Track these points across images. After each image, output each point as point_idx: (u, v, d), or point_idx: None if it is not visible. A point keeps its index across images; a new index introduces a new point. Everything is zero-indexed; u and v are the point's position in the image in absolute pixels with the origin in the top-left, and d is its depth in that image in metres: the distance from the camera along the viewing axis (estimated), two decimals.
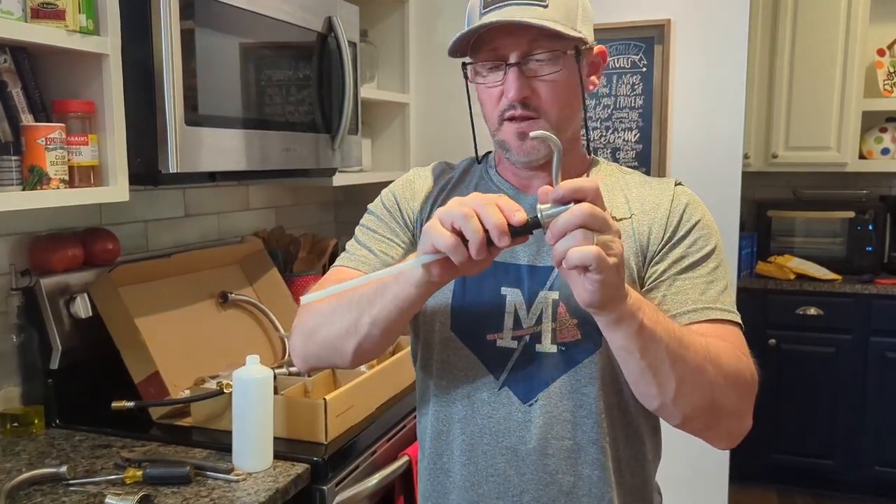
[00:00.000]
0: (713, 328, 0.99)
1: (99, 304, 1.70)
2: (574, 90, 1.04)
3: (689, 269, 1.03)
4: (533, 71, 1.00)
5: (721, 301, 1.02)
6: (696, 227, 1.05)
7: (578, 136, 1.12)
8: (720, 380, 0.92)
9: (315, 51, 1.87)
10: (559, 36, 0.98)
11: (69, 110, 1.37)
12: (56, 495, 1.31)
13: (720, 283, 1.03)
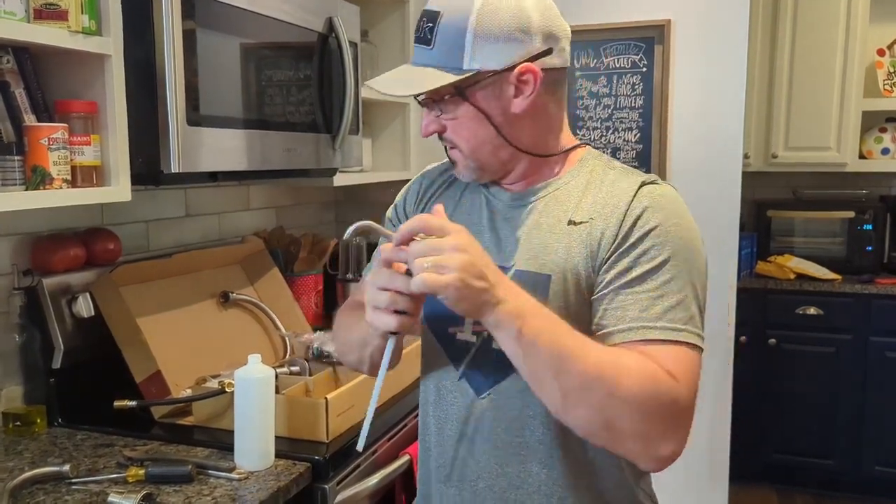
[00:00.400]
0: (650, 349, 0.94)
1: (101, 304, 1.70)
2: (469, 122, 1.04)
3: (634, 282, 0.97)
4: (433, 111, 1.06)
5: (668, 318, 0.95)
6: (649, 234, 0.98)
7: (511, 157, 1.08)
8: (615, 401, 0.89)
9: (316, 51, 1.87)
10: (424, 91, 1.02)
11: (71, 110, 1.38)
12: (59, 494, 1.31)
13: (671, 297, 0.96)
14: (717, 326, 2.48)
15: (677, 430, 0.93)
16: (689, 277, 0.98)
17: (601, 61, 2.49)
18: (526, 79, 1.02)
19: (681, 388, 0.92)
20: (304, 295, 2.32)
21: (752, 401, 3.45)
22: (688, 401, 0.93)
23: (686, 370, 0.94)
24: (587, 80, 2.52)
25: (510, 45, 1.01)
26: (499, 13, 1.00)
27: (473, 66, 1.00)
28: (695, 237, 1.02)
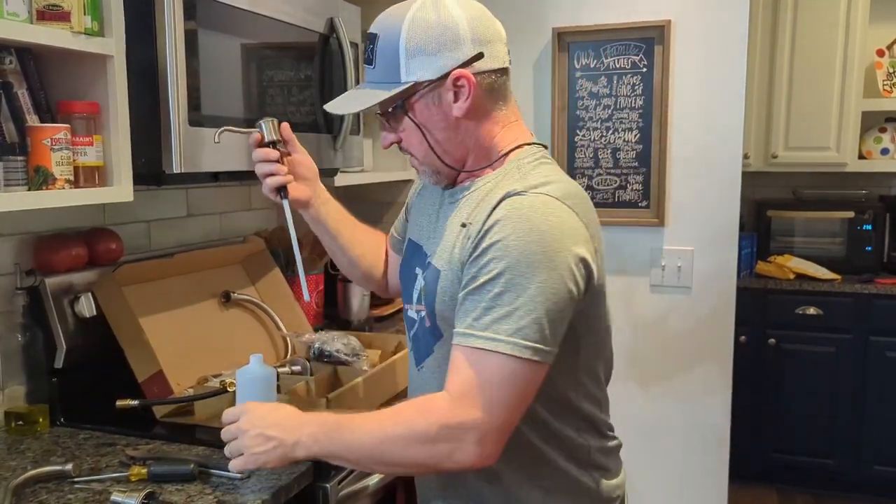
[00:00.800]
0: (462, 357, 1.04)
1: (103, 304, 1.71)
2: (415, 131, 1.15)
3: (474, 290, 1.04)
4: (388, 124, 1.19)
5: (493, 328, 1.01)
6: (492, 247, 1.03)
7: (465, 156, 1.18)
8: (403, 455, 1.06)
9: (317, 51, 1.88)
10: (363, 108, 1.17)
11: (74, 111, 1.38)
12: (61, 493, 1.32)
13: (501, 309, 1.01)
14: (717, 326, 2.49)
15: (460, 442, 1.03)
16: (524, 291, 1.01)
17: (601, 62, 2.50)
18: (461, 84, 1.10)
19: (450, 409, 1.02)
20: None
21: (751, 400, 3.46)
22: (460, 417, 1.02)
23: (478, 384, 1.02)
24: (587, 80, 2.53)
25: (441, 55, 1.09)
26: (426, 27, 1.09)
27: (410, 79, 1.11)
28: (540, 250, 1.02)
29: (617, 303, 2.61)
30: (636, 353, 2.60)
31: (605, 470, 1.26)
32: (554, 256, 1.02)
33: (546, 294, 1.01)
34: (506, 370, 1.01)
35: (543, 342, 1.02)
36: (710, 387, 2.52)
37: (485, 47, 1.11)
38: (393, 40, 1.10)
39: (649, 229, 2.52)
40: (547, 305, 1.01)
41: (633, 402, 2.62)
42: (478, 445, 1.03)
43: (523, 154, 1.17)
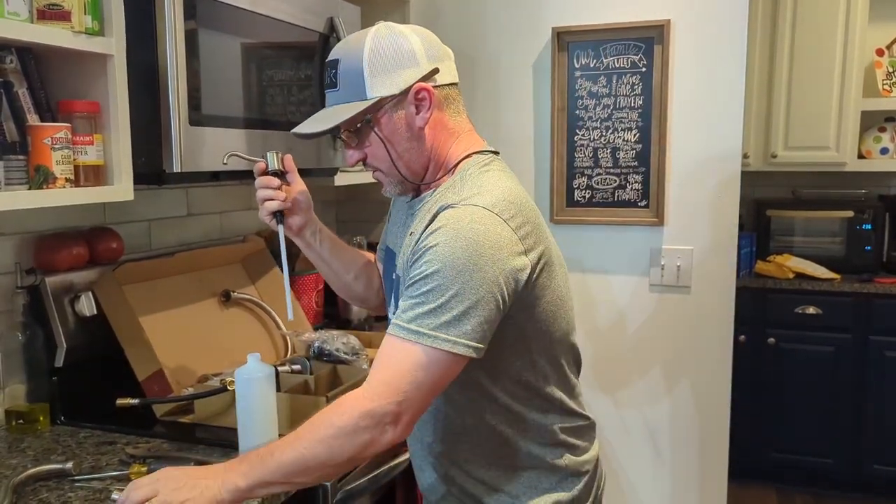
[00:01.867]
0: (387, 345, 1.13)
1: (103, 303, 1.71)
2: (381, 145, 1.23)
3: (409, 288, 1.13)
4: (352, 143, 1.26)
5: (417, 322, 1.10)
6: (428, 250, 1.12)
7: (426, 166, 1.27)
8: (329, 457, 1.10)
9: (317, 51, 1.88)
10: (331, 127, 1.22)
11: (74, 110, 1.39)
12: (62, 491, 1.32)
13: (427, 305, 1.09)
14: (717, 326, 2.50)
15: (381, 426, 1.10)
16: (447, 291, 1.09)
17: (601, 61, 2.50)
18: (422, 96, 1.21)
19: (367, 398, 1.10)
20: (305, 294, 2.33)
21: (751, 400, 3.46)
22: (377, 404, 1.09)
23: (395, 375, 1.10)
24: (586, 80, 2.53)
25: (402, 71, 1.19)
26: (385, 48, 1.19)
27: (375, 95, 1.19)
28: (468, 255, 1.09)
29: (616, 302, 2.61)
30: (635, 353, 2.60)
31: (573, 447, 1.32)
32: (479, 262, 1.10)
33: (469, 296, 1.09)
34: (424, 360, 1.09)
35: (464, 337, 1.09)
36: (710, 386, 2.52)
37: (439, 63, 1.23)
38: (356, 62, 1.20)
39: (649, 229, 2.52)
40: (469, 306, 1.09)
41: (632, 402, 2.62)
42: (394, 426, 1.11)
43: (470, 164, 1.25)
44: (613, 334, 2.62)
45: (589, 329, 2.62)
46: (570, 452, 1.31)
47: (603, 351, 2.63)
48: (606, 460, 2.66)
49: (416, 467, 1.41)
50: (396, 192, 1.31)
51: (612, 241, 2.58)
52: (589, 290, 2.61)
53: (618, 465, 2.65)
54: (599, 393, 2.65)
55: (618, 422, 2.65)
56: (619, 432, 2.65)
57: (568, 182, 2.59)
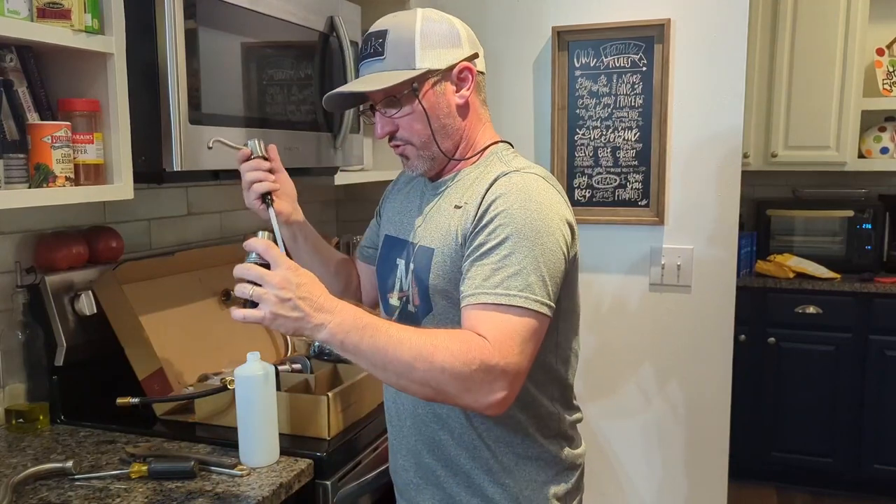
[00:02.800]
0: (481, 312, 1.11)
1: (103, 302, 1.71)
2: (422, 117, 1.25)
3: (483, 255, 1.15)
4: (387, 112, 1.26)
5: (504, 285, 1.11)
6: (497, 216, 1.15)
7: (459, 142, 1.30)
8: (434, 374, 1.06)
9: (317, 50, 1.88)
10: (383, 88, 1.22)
11: (74, 109, 1.38)
12: (62, 490, 1.32)
13: (510, 268, 1.12)
14: (717, 325, 2.49)
15: (493, 383, 1.07)
16: (529, 253, 1.13)
17: (601, 60, 2.50)
18: (464, 75, 1.26)
19: (491, 350, 1.07)
20: None
21: (751, 399, 3.46)
22: (499, 360, 1.07)
23: (507, 333, 1.09)
24: (587, 79, 2.53)
25: (448, 49, 1.25)
26: (436, 25, 1.24)
27: (424, 66, 1.22)
28: (538, 218, 1.15)
29: (617, 301, 2.61)
30: (635, 352, 2.60)
31: (571, 440, 1.35)
32: (549, 223, 1.16)
33: (547, 255, 1.14)
34: (524, 321, 1.10)
35: (547, 297, 1.13)
36: (710, 386, 2.52)
37: (477, 49, 1.29)
38: (407, 33, 1.23)
39: (649, 228, 2.52)
40: (548, 265, 1.13)
41: (633, 401, 2.62)
42: (505, 390, 1.09)
43: (499, 148, 1.33)
44: (613, 334, 2.62)
45: (589, 328, 2.62)
46: (569, 445, 1.34)
47: (603, 350, 2.63)
48: (606, 459, 2.66)
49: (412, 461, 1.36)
50: (423, 169, 1.31)
51: (613, 241, 2.58)
52: (589, 289, 2.61)
53: (618, 464, 2.65)
54: (599, 392, 2.65)
55: (618, 421, 2.64)
56: (619, 431, 2.64)
57: (568, 181, 2.59)
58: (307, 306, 1.05)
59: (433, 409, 1.29)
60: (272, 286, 1.04)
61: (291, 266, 1.07)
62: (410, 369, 1.06)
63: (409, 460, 1.36)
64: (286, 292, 1.04)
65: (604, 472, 2.67)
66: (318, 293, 1.06)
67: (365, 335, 1.06)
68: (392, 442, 1.42)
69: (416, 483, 1.35)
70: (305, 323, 1.05)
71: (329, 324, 1.05)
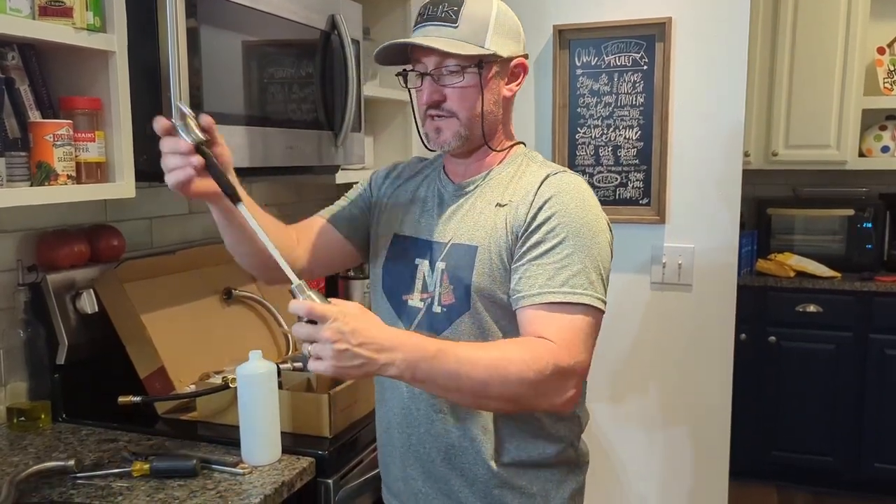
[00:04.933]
0: (546, 313, 1.13)
1: (105, 300, 1.71)
2: (476, 96, 1.24)
3: (542, 256, 1.17)
4: (442, 80, 1.23)
5: (570, 284, 1.14)
6: (554, 216, 1.18)
7: (495, 132, 1.30)
8: (510, 388, 1.07)
9: (318, 48, 1.88)
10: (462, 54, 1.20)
11: (76, 107, 1.38)
12: (64, 488, 1.32)
13: (573, 267, 1.15)
14: (718, 324, 2.49)
15: (566, 383, 1.11)
16: (588, 252, 1.16)
17: (602, 59, 2.50)
18: (518, 71, 1.29)
19: (559, 352, 1.09)
20: None
21: (752, 398, 3.46)
22: (567, 360, 1.10)
23: (573, 332, 1.12)
24: (588, 77, 2.53)
25: (512, 41, 1.26)
26: (508, 17, 1.26)
27: (492, 49, 1.22)
28: (593, 219, 1.20)
29: (618, 300, 2.61)
30: (636, 351, 2.60)
31: (580, 438, 1.37)
32: (601, 223, 1.21)
33: (602, 254, 1.18)
34: (588, 319, 1.14)
35: (604, 293, 1.17)
36: (711, 385, 2.52)
37: (527, 52, 1.32)
38: (485, 11, 1.23)
39: (650, 227, 2.52)
40: (603, 263, 1.18)
41: (634, 400, 2.62)
42: (576, 388, 1.12)
43: (524, 150, 1.35)
44: (614, 332, 2.62)
45: None
46: (580, 444, 1.37)
47: (604, 349, 2.63)
48: (607, 458, 2.66)
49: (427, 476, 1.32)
50: (454, 145, 1.27)
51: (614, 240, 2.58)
52: None
53: (619, 462, 2.65)
54: (600, 390, 2.65)
55: (619, 419, 2.64)
56: (620, 430, 2.64)
57: None
58: (367, 351, 1.01)
59: (452, 415, 1.27)
60: (326, 342, 1.00)
61: (339, 315, 1.00)
62: (486, 387, 1.07)
63: (417, 469, 1.32)
64: (341, 344, 0.99)
65: (605, 470, 2.67)
66: (374, 334, 1.02)
67: (435, 364, 1.05)
68: (397, 451, 1.36)
69: (425, 493, 1.32)
70: (371, 367, 1.02)
71: (395, 361, 1.03)
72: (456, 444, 1.27)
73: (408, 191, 1.40)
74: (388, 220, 1.39)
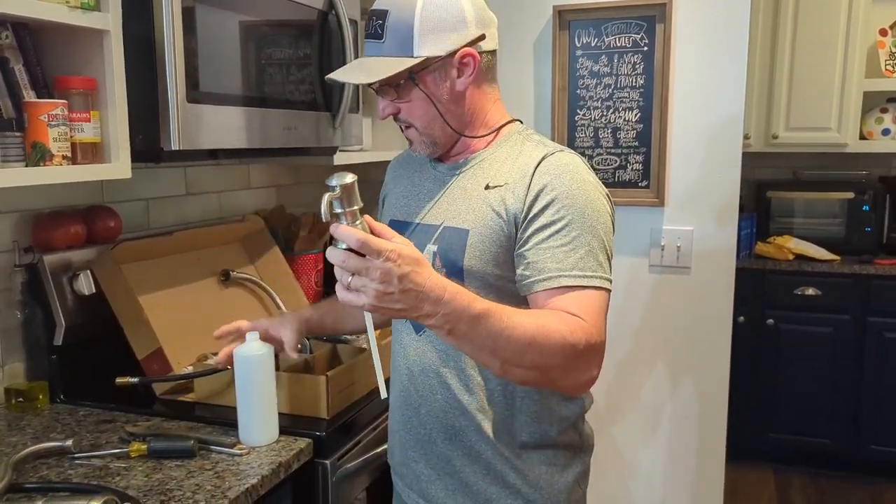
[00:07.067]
0: (565, 295, 1.12)
1: (101, 281, 1.71)
2: (423, 103, 1.23)
3: (549, 238, 1.15)
4: (387, 96, 1.24)
5: (580, 267, 1.13)
6: (557, 198, 1.16)
7: (469, 123, 1.28)
8: (544, 358, 1.05)
9: (316, 29, 1.87)
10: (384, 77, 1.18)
11: (71, 87, 1.37)
12: (62, 468, 1.33)
13: (581, 250, 1.14)
14: (716, 307, 2.49)
15: (592, 361, 1.11)
16: (594, 233, 1.16)
17: (602, 40, 2.48)
18: (466, 61, 1.22)
19: (591, 328, 1.09)
20: (305, 274, 2.33)
21: (749, 381, 3.47)
22: (597, 338, 1.09)
23: (595, 311, 1.12)
24: (588, 59, 2.51)
25: (451, 34, 1.20)
26: (438, 8, 1.18)
27: (422, 54, 1.18)
28: (595, 197, 1.19)
29: (616, 283, 2.60)
30: (634, 334, 2.60)
31: (584, 422, 1.38)
32: (602, 201, 1.20)
33: (605, 232, 1.18)
34: (601, 301, 1.14)
35: (610, 272, 1.17)
36: (709, 367, 2.53)
37: (485, 30, 1.23)
38: (407, 17, 1.18)
39: (649, 209, 2.52)
40: (607, 241, 1.18)
41: (631, 382, 2.62)
42: (597, 368, 1.12)
43: (518, 128, 1.32)
44: (612, 315, 2.60)
45: None
46: (584, 426, 1.37)
47: None
48: (605, 440, 2.67)
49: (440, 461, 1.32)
50: (427, 152, 1.30)
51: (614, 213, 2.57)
52: None
53: (616, 445, 2.66)
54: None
55: (616, 402, 2.65)
56: (618, 413, 2.65)
57: None
58: (412, 298, 0.96)
59: (454, 395, 1.26)
60: (374, 281, 0.94)
61: (394, 256, 0.94)
62: (522, 355, 1.04)
63: (418, 451, 1.33)
64: (388, 287, 0.94)
65: (602, 452, 2.67)
66: (422, 282, 0.96)
67: (476, 325, 1.01)
68: (398, 435, 1.37)
69: (427, 475, 1.32)
70: (410, 314, 0.98)
71: (437, 315, 0.98)
72: (457, 425, 1.27)
73: (405, 176, 1.41)
74: (389, 206, 1.42)
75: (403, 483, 1.39)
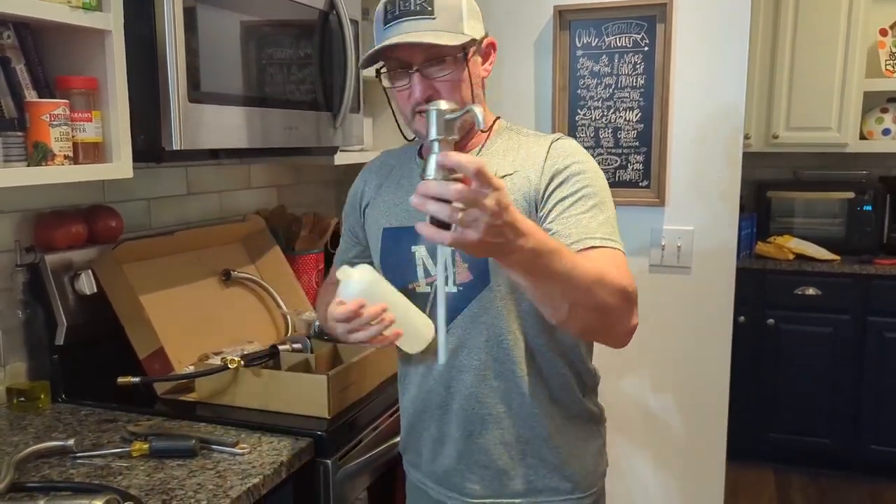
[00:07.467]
0: (593, 251, 1.16)
1: (103, 281, 1.71)
2: (466, 83, 1.25)
3: (571, 206, 1.21)
4: (431, 73, 1.23)
5: (601, 231, 1.19)
6: (575, 175, 1.23)
7: None
8: (608, 297, 1.08)
9: (317, 29, 1.87)
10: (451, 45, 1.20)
11: (72, 86, 1.37)
12: (63, 468, 1.33)
13: (599, 216, 1.21)
14: (716, 306, 2.50)
15: (635, 306, 1.16)
16: (608, 204, 1.24)
17: (602, 40, 2.48)
18: (489, 50, 1.31)
19: (630, 277, 1.15)
20: (306, 273, 2.33)
21: (750, 381, 3.48)
22: (635, 285, 1.15)
23: (624, 266, 1.17)
24: (588, 59, 2.51)
25: (479, 22, 1.27)
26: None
27: (468, 34, 1.22)
28: (601, 175, 1.28)
29: None
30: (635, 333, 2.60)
31: (597, 394, 1.43)
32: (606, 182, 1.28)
33: (612, 206, 1.25)
34: (625, 260, 1.19)
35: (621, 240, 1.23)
36: (709, 367, 2.53)
37: None
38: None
39: (649, 209, 2.52)
40: (614, 214, 1.25)
41: (631, 382, 2.63)
42: (637, 318, 1.17)
43: (505, 124, 1.38)
44: None
45: None
46: (598, 398, 1.43)
47: None
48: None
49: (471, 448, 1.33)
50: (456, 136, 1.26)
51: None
52: None
53: (616, 444, 2.66)
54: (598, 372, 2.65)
55: (616, 401, 2.65)
56: (617, 412, 2.65)
57: None
58: (510, 232, 0.92)
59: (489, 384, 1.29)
60: (485, 212, 0.88)
61: (502, 185, 0.90)
62: (588, 294, 1.05)
63: (452, 448, 1.34)
64: (497, 219, 0.89)
65: None
66: (517, 215, 0.93)
67: (551, 260, 0.99)
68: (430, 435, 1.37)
69: (459, 469, 1.35)
70: (504, 248, 0.94)
71: (525, 249, 0.95)
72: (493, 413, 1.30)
73: (390, 183, 1.41)
74: (375, 218, 1.41)
75: (435, 481, 1.40)
